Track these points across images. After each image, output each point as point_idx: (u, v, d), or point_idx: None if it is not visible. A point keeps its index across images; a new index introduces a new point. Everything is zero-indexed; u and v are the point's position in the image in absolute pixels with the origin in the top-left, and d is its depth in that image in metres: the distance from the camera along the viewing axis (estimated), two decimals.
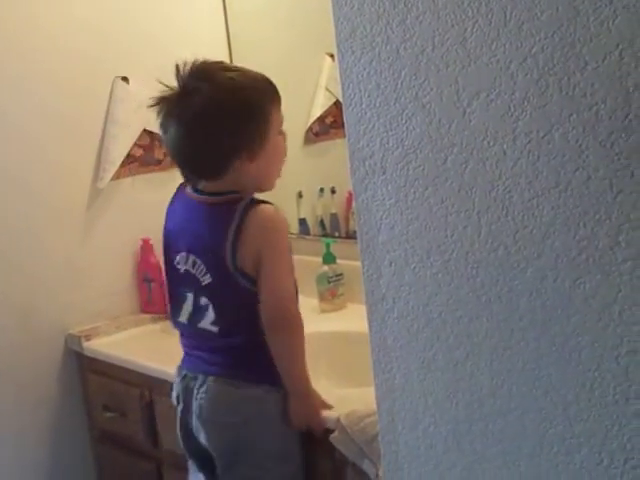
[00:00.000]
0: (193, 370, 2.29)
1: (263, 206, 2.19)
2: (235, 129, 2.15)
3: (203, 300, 2.23)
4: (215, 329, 2.22)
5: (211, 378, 2.23)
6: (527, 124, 1.13)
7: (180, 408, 2.33)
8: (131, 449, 2.93)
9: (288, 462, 2.24)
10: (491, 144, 1.17)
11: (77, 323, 3.04)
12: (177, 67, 2.20)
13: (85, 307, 3.06)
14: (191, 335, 2.30)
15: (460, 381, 1.30)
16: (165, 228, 2.33)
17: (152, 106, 2.21)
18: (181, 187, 2.33)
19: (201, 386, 2.24)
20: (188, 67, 2.19)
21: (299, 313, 2.22)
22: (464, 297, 1.26)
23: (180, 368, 2.35)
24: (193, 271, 2.22)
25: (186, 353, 2.34)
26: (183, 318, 2.29)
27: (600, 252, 1.10)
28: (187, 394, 2.29)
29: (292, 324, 2.20)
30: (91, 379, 3.03)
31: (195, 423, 2.27)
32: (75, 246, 3.04)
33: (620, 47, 1.02)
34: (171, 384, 2.58)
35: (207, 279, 2.20)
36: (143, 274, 3.14)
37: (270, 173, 2.26)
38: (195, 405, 2.25)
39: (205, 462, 2.32)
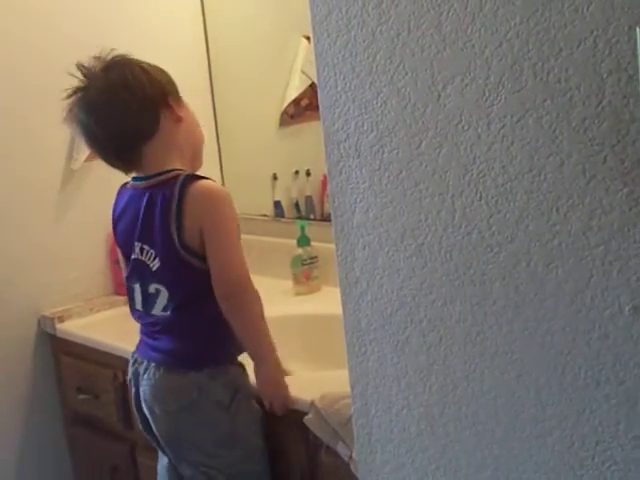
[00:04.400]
0: (141, 355, 2.28)
1: (201, 180, 2.16)
2: None
3: (152, 288, 2.21)
4: (167, 313, 2.20)
5: (153, 365, 2.22)
6: (501, 109, 1.13)
7: (133, 392, 2.32)
8: (105, 431, 2.92)
9: (239, 447, 2.22)
10: (465, 128, 1.17)
11: (50, 305, 3.02)
12: None
13: (58, 289, 3.04)
14: (146, 321, 2.28)
15: (433, 364, 1.30)
16: (116, 227, 2.35)
17: None
18: (121, 187, 2.34)
19: (145, 372, 2.24)
20: None
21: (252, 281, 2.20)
22: (438, 281, 1.26)
23: (133, 352, 2.34)
24: (142, 258, 2.20)
25: (140, 338, 2.33)
26: (138, 306, 2.28)
27: (573, 237, 1.10)
28: (136, 378, 2.29)
29: (250, 293, 2.17)
30: (64, 361, 3.02)
31: (145, 408, 2.27)
32: (49, 228, 3.02)
33: (594, 34, 1.03)
34: None
35: (156, 264, 2.18)
36: (116, 256, 3.11)
37: None
38: (141, 391, 2.26)
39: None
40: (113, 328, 2.94)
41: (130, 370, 2.33)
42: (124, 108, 2.16)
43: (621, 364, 1.10)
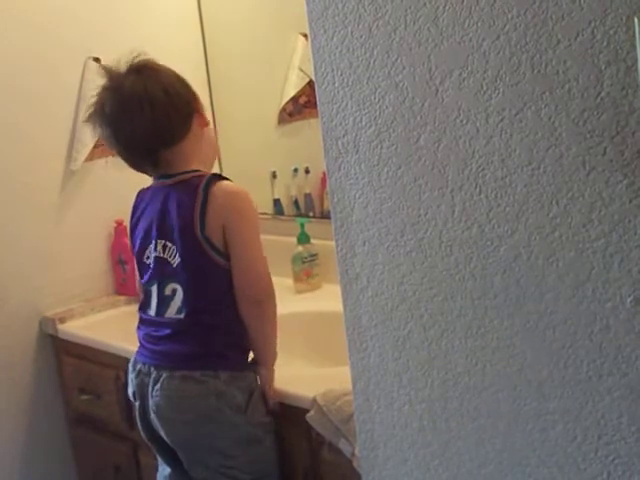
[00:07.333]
0: (148, 362, 2.25)
1: (224, 181, 2.24)
2: None
3: (169, 288, 2.22)
4: (181, 315, 2.20)
5: (165, 374, 2.19)
6: (500, 102, 1.13)
7: (137, 405, 2.30)
8: (107, 431, 2.92)
9: (255, 445, 2.22)
10: (464, 122, 1.17)
11: (51, 306, 3.02)
12: None
13: (59, 289, 3.04)
14: (154, 326, 2.27)
15: (435, 359, 1.30)
16: (133, 232, 2.36)
17: None
18: (139, 192, 2.37)
19: (155, 382, 2.21)
20: None
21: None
22: (438, 275, 1.26)
23: (134, 362, 2.31)
24: (164, 255, 2.22)
25: (142, 345, 2.31)
26: (152, 311, 2.28)
27: (573, 230, 1.10)
28: (142, 390, 2.26)
29: (272, 296, 2.24)
30: (66, 362, 3.01)
31: (154, 420, 2.25)
32: (49, 228, 3.01)
33: (592, 24, 1.02)
34: None
35: (177, 260, 2.19)
36: (117, 256, 3.13)
37: None
38: (151, 402, 2.23)
39: (172, 454, 2.31)
40: (115, 328, 2.93)
41: (133, 382, 2.30)
42: (162, 109, 2.20)
43: (623, 356, 1.09)
